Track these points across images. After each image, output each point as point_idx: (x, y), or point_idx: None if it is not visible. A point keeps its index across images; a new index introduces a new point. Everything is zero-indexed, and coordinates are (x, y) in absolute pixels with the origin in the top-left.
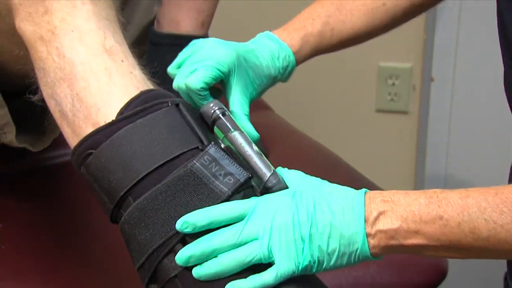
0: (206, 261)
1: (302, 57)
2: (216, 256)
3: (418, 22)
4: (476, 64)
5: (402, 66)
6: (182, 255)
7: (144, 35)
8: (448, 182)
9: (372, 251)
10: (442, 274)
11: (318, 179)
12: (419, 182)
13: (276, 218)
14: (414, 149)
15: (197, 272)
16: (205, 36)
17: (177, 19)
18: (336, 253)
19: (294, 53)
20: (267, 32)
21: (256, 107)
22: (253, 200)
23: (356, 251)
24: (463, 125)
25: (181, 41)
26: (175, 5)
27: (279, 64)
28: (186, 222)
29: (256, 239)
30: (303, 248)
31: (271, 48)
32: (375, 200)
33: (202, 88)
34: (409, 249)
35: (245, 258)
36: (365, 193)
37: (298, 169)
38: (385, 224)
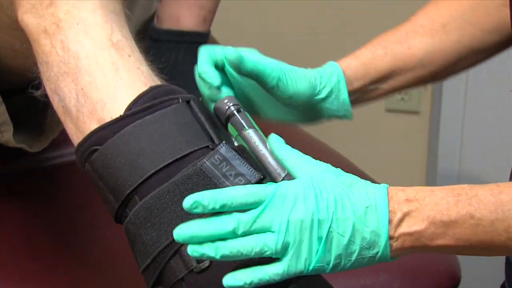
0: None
1: (352, 72)
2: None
3: None
4: (490, 61)
5: None
6: (185, 232)
7: (143, 31)
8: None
9: (393, 254)
10: (455, 281)
11: (329, 165)
12: (430, 185)
13: (293, 212)
14: (426, 151)
15: (195, 250)
16: (207, 32)
17: (178, 14)
18: (354, 256)
19: (339, 63)
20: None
21: None
22: (270, 187)
23: (376, 254)
24: (476, 126)
25: (182, 38)
26: (175, 1)
27: (312, 72)
28: (196, 201)
29: (270, 231)
30: (318, 250)
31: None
32: (399, 199)
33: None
34: (433, 249)
35: (256, 249)
36: (387, 189)
37: None
38: (410, 226)
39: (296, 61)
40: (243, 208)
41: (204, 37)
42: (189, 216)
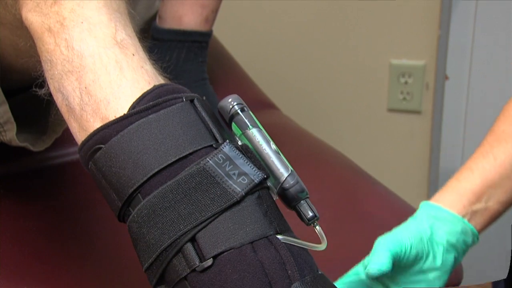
0: None
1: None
2: None
3: (432, 17)
4: (492, 61)
5: (415, 64)
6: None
7: (145, 30)
8: None
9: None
10: (457, 282)
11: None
12: (432, 185)
13: None
14: (428, 150)
15: None
16: (209, 32)
17: (180, 14)
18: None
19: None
20: None
21: (262, 106)
22: None
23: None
24: (478, 125)
25: (184, 37)
26: (178, 0)
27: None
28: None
29: None
30: None
31: None
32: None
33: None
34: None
35: None
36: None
37: (305, 171)
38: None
39: (297, 60)
40: None
41: (206, 37)
42: (191, 213)
